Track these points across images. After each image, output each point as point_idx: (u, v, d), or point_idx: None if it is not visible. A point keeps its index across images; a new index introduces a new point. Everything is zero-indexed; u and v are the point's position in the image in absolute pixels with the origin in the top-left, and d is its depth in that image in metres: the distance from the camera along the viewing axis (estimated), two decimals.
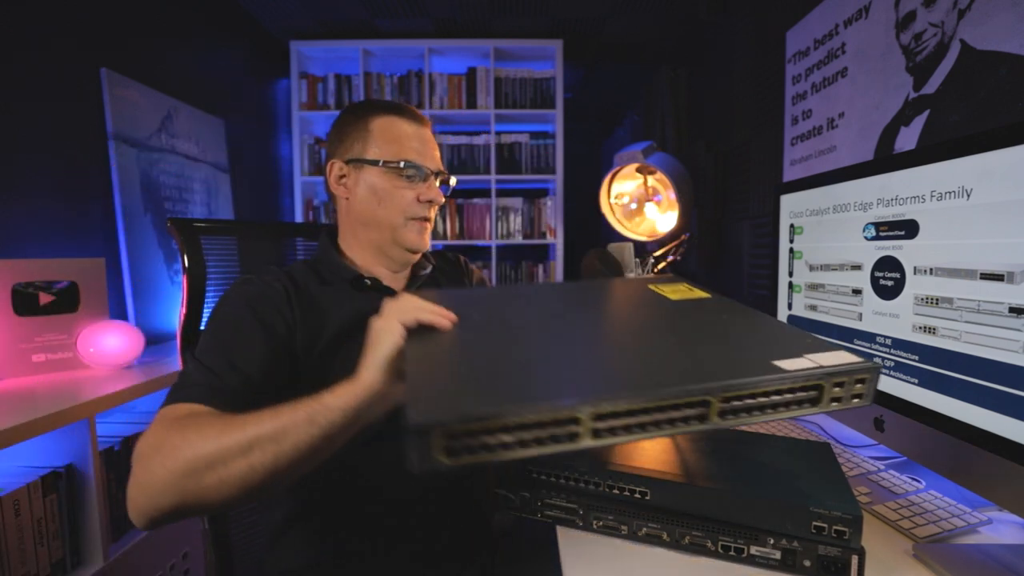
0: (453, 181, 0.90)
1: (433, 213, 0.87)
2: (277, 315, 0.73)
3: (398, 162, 0.81)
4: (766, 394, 0.44)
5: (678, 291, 0.69)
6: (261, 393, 0.67)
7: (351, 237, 0.86)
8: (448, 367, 0.49)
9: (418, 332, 0.55)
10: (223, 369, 0.65)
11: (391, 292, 0.84)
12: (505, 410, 0.40)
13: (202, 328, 0.90)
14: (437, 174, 0.86)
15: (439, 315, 0.56)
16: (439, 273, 0.96)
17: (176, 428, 0.56)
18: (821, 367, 0.45)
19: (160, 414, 0.60)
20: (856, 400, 0.47)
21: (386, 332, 0.55)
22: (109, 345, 1.37)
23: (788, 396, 0.44)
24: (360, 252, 0.86)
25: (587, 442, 0.41)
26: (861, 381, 0.46)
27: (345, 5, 2.38)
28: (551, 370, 0.47)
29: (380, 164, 0.81)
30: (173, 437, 0.55)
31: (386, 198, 0.82)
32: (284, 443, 0.53)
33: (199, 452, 0.53)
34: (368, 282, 0.82)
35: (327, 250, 0.86)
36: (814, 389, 0.45)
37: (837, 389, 0.46)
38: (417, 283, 0.89)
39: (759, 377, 0.43)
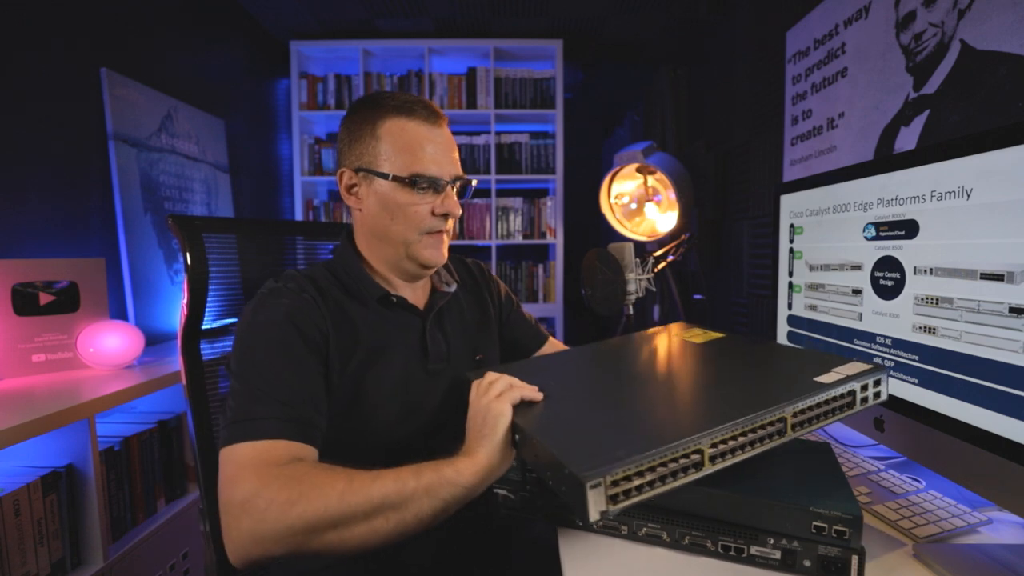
0: (474, 182, 0.84)
1: (451, 225, 0.81)
2: (315, 328, 0.71)
3: (410, 177, 0.75)
4: (819, 406, 0.56)
5: (697, 335, 0.84)
6: (327, 412, 0.69)
7: (366, 247, 0.82)
8: (574, 430, 0.56)
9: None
10: (294, 399, 0.64)
11: (416, 311, 0.82)
12: (652, 453, 0.47)
13: (204, 327, 0.90)
14: (455, 181, 0.79)
15: (533, 390, 0.63)
16: (460, 288, 0.91)
17: (288, 480, 0.56)
18: (849, 376, 0.58)
19: (246, 454, 0.59)
20: (876, 398, 0.60)
21: (501, 415, 0.59)
22: (109, 345, 1.37)
23: (833, 404, 0.57)
24: (376, 262, 0.82)
25: (707, 468, 0.50)
26: (877, 382, 0.60)
27: (345, 5, 2.39)
28: (660, 415, 0.57)
29: (390, 178, 0.75)
30: (288, 491, 0.55)
31: (398, 213, 0.77)
32: (407, 512, 0.55)
33: (323, 512, 0.54)
34: (395, 299, 0.80)
35: (350, 259, 0.81)
36: (849, 395, 0.58)
37: (863, 392, 0.59)
38: (440, 301, 0.85)
39: (814, 394, 0.55)
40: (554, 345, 1.05)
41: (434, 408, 0.79)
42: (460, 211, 0.80)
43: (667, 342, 0.83)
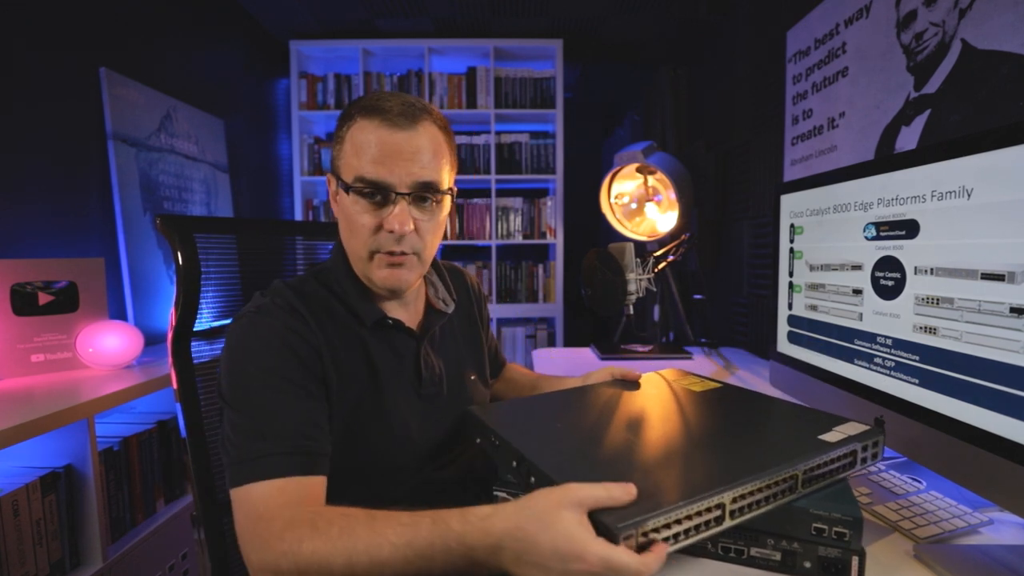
0: (449, 188, 0.73)
1: (411, 246, 0.70)
2: (311, 349, 0.68)
3: (352, 181, 0.68)
4: (826, 464, 0.57)
5: (695, 383, 0.86)
6: (329, 437, 0.67)
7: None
8: (596, 477, 0.53)
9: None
10: (299, 428, 0.62)
11: (412, 333, 0.78)
12: (680, 505, 0.47)
13: (200, 328, 0.89)
14: (415, 192, 0.68)
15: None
16: (456, 307, 0.86)
17: (312, 531, 0.53)
18: (851, 436, 0.60)
19: (259, 496, 0.57)
20: (874, 458, 0.62)
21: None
22: (108, 345, 1.37)
23: (838, 463, 0.58)
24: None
25: (727, 522, 0.50)
26: (876, 443, 0.62)
27: (345, 5, 2.38)
28: (681, 468, 0.57)
29: (339, 184, 0.70)
30: (317, 544, 0.52)
31: (351, 226, 0.70)
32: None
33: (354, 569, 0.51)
34: (391, 322, 0.75)
35: (342, 274, 0.76)
36: (851, 455, 0.60)
37: (863, 452, 0.61)
38: (436, 322, 0.81)
39: (822, 453, 0.57)
40: (513, 370, 1.05)
41: (427, 433, 0.76)
42: (406, 228, 0.68)
43: (668, 389, 0.84)
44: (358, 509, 0.56)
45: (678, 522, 0.47)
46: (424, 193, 0.69)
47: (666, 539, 0.46)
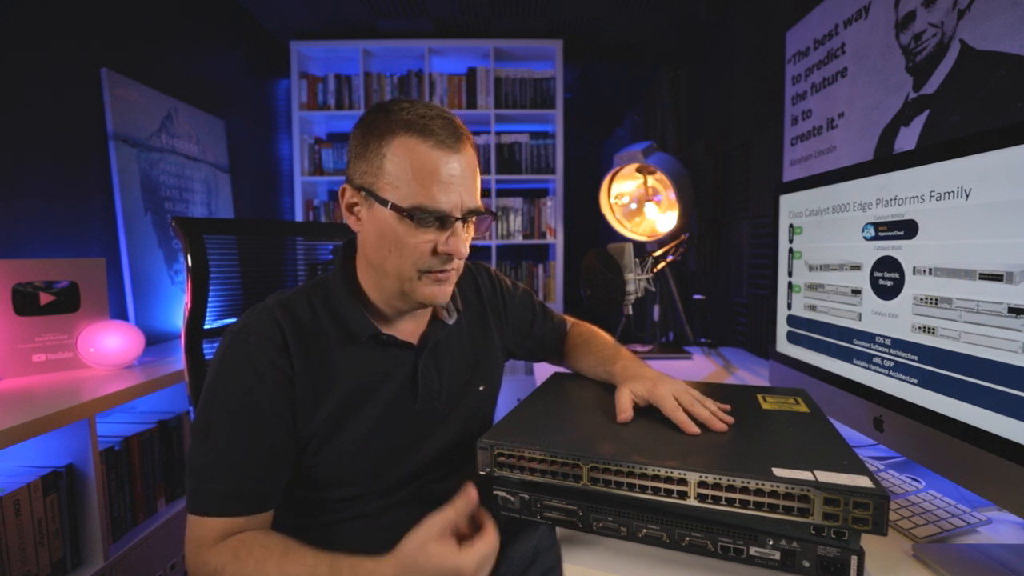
0: (493, 215, 0.74)
1: (458, 264, 0.72)
2: (284, 377, 0.67)
3: (410, 209, 0.65)
4: (743, 489, 0.54)
5: (771, 402, 0.79)
6: (285, 473, 0.69)
7: (364, 273, 0.75)
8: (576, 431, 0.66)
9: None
10: (249, 470, 0.64)
11: (409, 347, 0.76)
12: (631, 460, 0.57)
13: (206, 327, 0.90)
14: (468, 216, 0.70)
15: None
16: (464, 310, 0.85)
17: (233, 559, 0.59)
18: (827, 483, 0.52)
19: (203, 530, 0.62)
20: (856, 524, 0.51)
21: None
22: (109, 345, 1.37)
23: (766, 500, 0.53)
24: (372, 292, 0.74)
25: (693, 502, 0.55)
26: (859, 511, 0.51)
27: (345, 5, 2.39)
28: (661, 447, 0.62)
29: (389, 207, 0.66)
30: (235, 569, 0.58)
31: (396, 247, 0.68)
32: None
33: None
34: (385, 338, 0.73)
35: (341, 290, 0.74)
36: (802, 503, 0.52)
37: (827, 509, 0.52)
38: (437, 334, 0.78)
39: (753, 478, 0.54)
40: (580, 328, 1.05)
41: (425, 448, 0.76)
42: (466, 252, 0.70)
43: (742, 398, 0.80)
44: (278, 541, 0.61)
45: (632, 475, 0.56)
46: (472, 215, 0.71)
47: (617, 484, 0.57)
